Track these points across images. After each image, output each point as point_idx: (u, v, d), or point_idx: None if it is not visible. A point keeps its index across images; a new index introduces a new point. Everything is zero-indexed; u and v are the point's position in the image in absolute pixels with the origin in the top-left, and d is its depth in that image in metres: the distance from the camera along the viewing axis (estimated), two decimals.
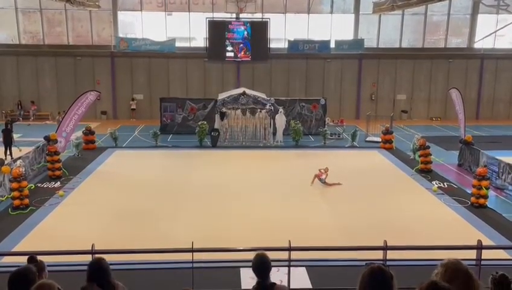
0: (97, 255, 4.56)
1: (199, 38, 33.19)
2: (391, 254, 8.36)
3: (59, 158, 18.52)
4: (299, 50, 32.67)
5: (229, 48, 32.18)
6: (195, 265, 7.94)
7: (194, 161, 20.96)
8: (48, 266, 4.95)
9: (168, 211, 14.39)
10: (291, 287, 8.01)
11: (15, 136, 22.30)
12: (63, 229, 12.92)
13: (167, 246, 9.88)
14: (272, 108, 24.62)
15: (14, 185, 14.47)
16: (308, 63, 33.29)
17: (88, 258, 6.98)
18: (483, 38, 33.54)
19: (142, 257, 9.26)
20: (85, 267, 4.34)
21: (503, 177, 16.92)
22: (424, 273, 3.52)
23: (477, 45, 34.09)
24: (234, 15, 32.22)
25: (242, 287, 9.31)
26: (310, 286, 9.53)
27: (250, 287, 4.60)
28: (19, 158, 16.46)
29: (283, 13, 32.90)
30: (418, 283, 3.24)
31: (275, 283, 4.56)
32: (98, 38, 33.23)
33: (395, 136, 24.48)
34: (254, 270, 4.60)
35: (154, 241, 11.29)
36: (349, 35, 33.51)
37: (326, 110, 27.78)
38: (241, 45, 32.15)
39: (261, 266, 4.59)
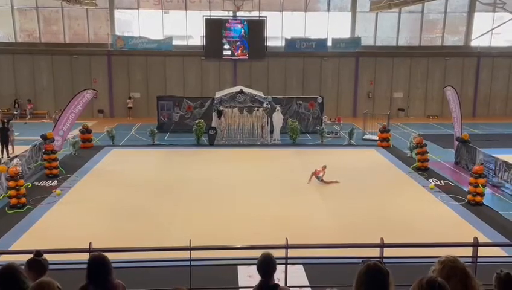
0: (97, 252, 4.52)
1: (196, 37, 33.17)
2: (388, 252, 8.38)
3: (56, 157, 18.50)
4: (296, 48, 32.69)
5: (226, 46, 32.20)
6: (192, 263, 7.94)
7: (191, 159, 20.95)
8: None
9: (165, 209, 14.40)
10: (288, 284, 8.02)
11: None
12: (60, 227, 12.91)
13: (165, 244, 9.90)
14: (269, 106, 24.63)
15: (11, 183, 14.45)
16: (305, 61, 33.30)
17: (85, 256, 6.98)
18: (479, 36, 33.61)
19: (139, 255, 9.26)
20: (82, 266, 4.32)
21: (500, 175, 16.99)
22: (421, 270, 3.54)
23: (473, 43, 34.17)
24: (231, 13, 32.22)
25: (239, 285, 9.32)
26: (307, 284, 9.55)
27: (247, 285, 4.60)
28: (16, 157, 16.43)
29: (280, 11, 32.89)
30: (414, 280, 3.25)
31: (278, 284, 4.50)
32: (94, 36, 33.17)
33: (392, 134, 24.51)
34: (258, 269, 4.53)
35: (152, 239, 11.31)
36: (346, 34, 33.53)
37: (324, 108, 27.81)
38: (238, 43, 32.16)
39: (266, 265, 4.53)
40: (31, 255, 4.46)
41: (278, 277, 8.07)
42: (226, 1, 30.53)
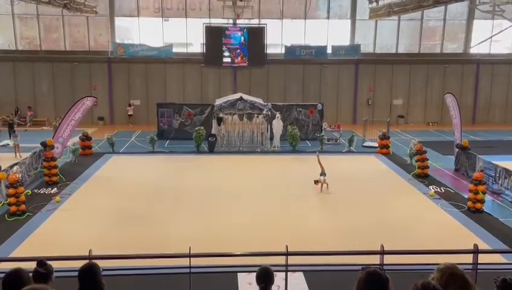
0: (91, 261, 4.57)
1: (196, 44, 33.27)
2: (388, 258, 8.37)
3: (56, 164, 18.48)
4: (296, 55, 32.79)
5: (226, 54, 32.30)
6: (192, 270, 7.93)
7: (191, 166, 20.93)
8: None
9: (165, 216, 14.37)
10: None
11: (10, 142, 22.59)
12: (59, 235, 12.88)
13: (165, 250, 9.88)
14: (269, 113, 24.65)
15: (11, 191, 14.43)
16: (305, 69, 33.39)
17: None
18: (479, 43, 33.71)
19: (139, 262, 9.24)
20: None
21: (500, 181, 16.97)
22: (421, 277, 3.54)
23: (473, 50, 34.27)
24: (231, 20, 32.31)
25: None
26: None
27: None
28: (16, 164, 16.42)
29: (280, 19, 33.01)
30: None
31: None
32: (94, 44, 33.28)
33: (392, 141, 24.52)
34: (257, 281, 4.71)
35: (152, 246, 11.27)
36: (345, 41, 33.64)
37: (323, 115, 27.84)
38: (238, 50, 32.26)
39: (266, 276, 4.71)
40: (30, 262, 4.48)
41: (278, 284, 8.07)
42: (226, 9, 30.59)
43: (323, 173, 17.04)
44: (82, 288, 4.23)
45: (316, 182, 16.97)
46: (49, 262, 4.55)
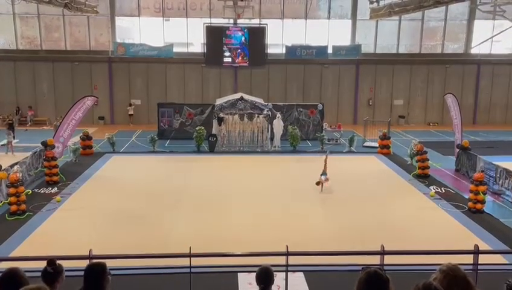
0: (97, 260, 4.59)
1: (197, 44, 33.29)
2: (388, 259, 8.37)
3: (56, 163, 18.48)
4: (297, 55, 32.78)
5: (227, 54, 32.31)
6: (192, 270, 7.94)
7: (191, 166, 20.94)
8: None
9: (166, 216, 14.37)
10: None
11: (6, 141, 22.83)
12: (60, 234, 12.88)
13: (165, 251, 9.88)
14: (270, 113, 24.65)
15: (11, 190, 14.43)
16: (306, 69, 33.39)
17: (85, 263, 6.96)
18: (479, 44, 33.69)
19: (139, 262, 9.24)
20: (82, 273, 4.35)
21: (500, 182, 16.97)
22: (421, 277, 3.53)
23: (473, 51, 34.25)
24: (232, 20, 32.32)
25: None
26: None
27: None
28: (16, 164, 16.42)
29: (280, 19, 33.00)
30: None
31: None
32: (95, 43, 33.28)
33: (393, 141, 24.52)
34: (257, 281, 4.73)
35: (152, 246, 11.27)
36: (346, 41, 33.64)
37: (324, 115, 27.84)
38: (239, 50, 32.26)
39: (266, 276, 4.73)
40: (31, 262, 4.50)
41: (279, 284, 8.07)
42: (226, 8, 30.61)
43: (324, 173, 17.03)
44: (86, 287, 4.23)
45: (318, 183, 16.97)
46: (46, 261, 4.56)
